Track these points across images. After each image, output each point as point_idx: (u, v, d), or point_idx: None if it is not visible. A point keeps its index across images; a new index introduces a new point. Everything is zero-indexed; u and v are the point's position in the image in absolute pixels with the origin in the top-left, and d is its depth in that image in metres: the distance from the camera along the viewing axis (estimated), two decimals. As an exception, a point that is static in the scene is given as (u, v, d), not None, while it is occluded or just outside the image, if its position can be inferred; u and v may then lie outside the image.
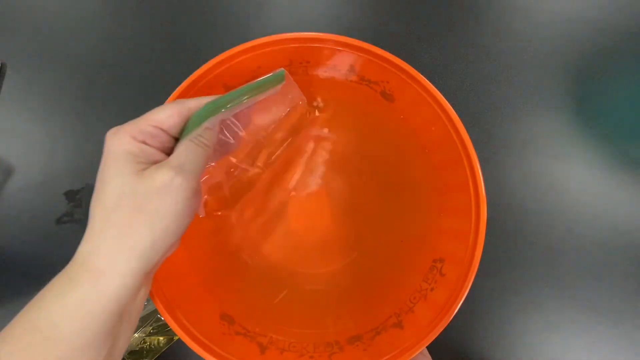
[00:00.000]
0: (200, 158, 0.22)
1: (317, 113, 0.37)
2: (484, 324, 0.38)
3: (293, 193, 0.37)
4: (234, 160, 0.34)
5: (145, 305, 0.31)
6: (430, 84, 0.30)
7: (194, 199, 0.21)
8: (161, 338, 0.36)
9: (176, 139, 0.23)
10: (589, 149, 0.41)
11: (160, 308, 0.28)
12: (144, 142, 0.21)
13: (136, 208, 0.19)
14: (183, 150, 0.21)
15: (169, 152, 0.22)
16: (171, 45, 0.43)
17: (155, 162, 0.21)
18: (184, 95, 0.30)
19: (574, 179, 0.40)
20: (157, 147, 0.22)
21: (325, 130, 0.37)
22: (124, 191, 0.19)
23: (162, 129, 0.22)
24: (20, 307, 0.33)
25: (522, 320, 0.38)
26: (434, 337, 0.27)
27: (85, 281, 0.19)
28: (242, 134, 0.30)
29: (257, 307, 0.34)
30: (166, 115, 0.22)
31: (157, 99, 0.30)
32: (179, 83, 0.30)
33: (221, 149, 0.30)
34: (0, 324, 0.38)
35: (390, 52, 0.30)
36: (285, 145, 0.37)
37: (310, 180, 0.37)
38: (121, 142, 0.20)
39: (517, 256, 0.39)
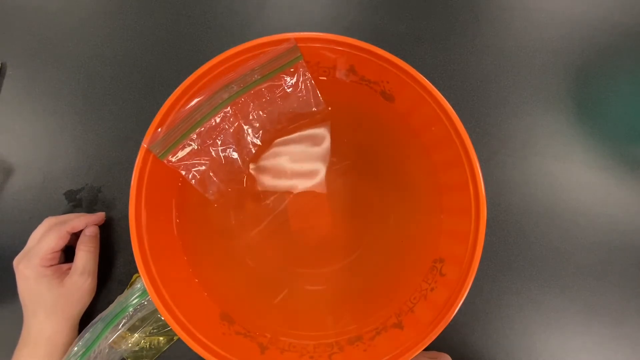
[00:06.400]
0: (93, 259, 0.35)
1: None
2: (484, 324, 0.38)
3: (293, 193, 0.37)
4: (237, 159, 0.34)
5: (145, 305, 0.31)
6: (430, 84, 0.30)
7: (93, 282, 0.35)
8: (161, 338, 0.36)
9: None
10: (589, 149, 0.41)
11: (160, 308, 0.28)
12: (51, 265, 0.33)
13: (65, 303, 0.33)
14: (82, 258, 0.34)
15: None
16: (171, 45, 0.43)
17: (63, 271, 0.34)
18: (185, 94, 0.30)
19: (574, 179, 0.40)
20: (59, 262, 0.35)
21: (325, 130, 0.37)
22: (55, 297, 0.33)
23: (56, 251, 0.34)
24: (20, 307, 0.33)
25: (522, 320, 0.38)
26: (434, 337, 0.27)
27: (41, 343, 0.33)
28: (257, 142, 0.32)
29: (257, 307, 0.34)
30: (55, 243, 0.33)
31: (157, 99, 0.30)
32: (179, 83, 0.30)
33: (231, 168, 0.32)
34: (1, 324, 0.38)
35: (390, 52, 0.30)
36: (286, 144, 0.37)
37: (310, 180, 0.37)
38: (37, 271, 0.32)
39: (517, 256, 0.39)
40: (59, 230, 0.33)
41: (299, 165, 0.37)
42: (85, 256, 0.34)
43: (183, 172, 0.31)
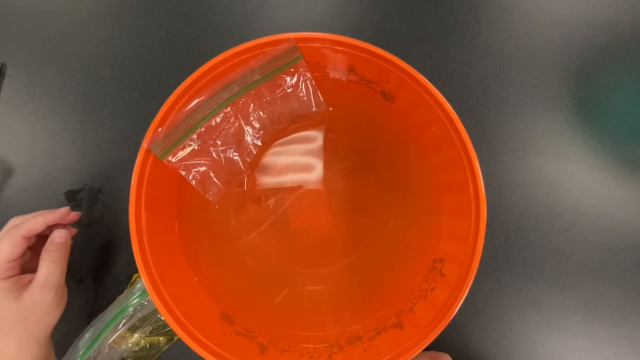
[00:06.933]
0: (59, 271, 0.30)
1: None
2: (484, 324, 0.38)
3: (293, 193, 0.37)
4: (237, 160, 0.34)
5: (145, 305, 0.31)
6: (430, 84, 0.30)
7: (58, 297, 0.30)
8: (161, 338, 0.36)
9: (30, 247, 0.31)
10: (589, 149, 0.41)
11: (160, 308, 0.28)
12: (9, 277, 0.29)
13: (25, 321, 0.28)
14: (44, 269, 0.29)
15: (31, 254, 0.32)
16: (171, 45, 0.43)
17: (24, 283, 0.29)
18: (185, 94, 0.30)
19: (574, 179, 0.40)
20: (19, 272, 0.30)
21: (326, 130, 0.37)
22: (12, 314, 0.28)
23: (13, 260, 0.29)
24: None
25: (522, 320, 0.38)
26: (434, 337, 0.27)
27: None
28: (258, 143, 0.32)
29: (257, 307, 0.34)
30: (9, 252, 0.28)
31: (157, 99, 0.30)
32: (179, 83, 0.30)
33: (231, 168, 0.32)
34: (0, 324, 0.38)
35: (390, 52, 0.30)
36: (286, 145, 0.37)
37: (310, 180, 0.37)
38: None
39: (517, 256, 0.39)
40: (12, 236, 0.29)
41: (295, 162, 0.37)
42: (48, 267, 0.29)
43: (183, 173, 0.31)
